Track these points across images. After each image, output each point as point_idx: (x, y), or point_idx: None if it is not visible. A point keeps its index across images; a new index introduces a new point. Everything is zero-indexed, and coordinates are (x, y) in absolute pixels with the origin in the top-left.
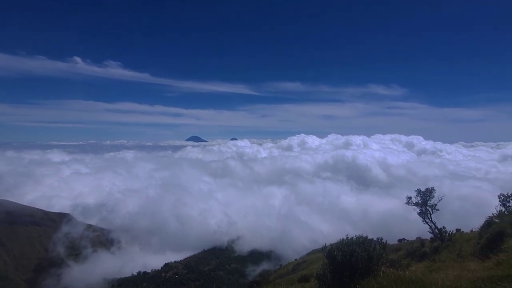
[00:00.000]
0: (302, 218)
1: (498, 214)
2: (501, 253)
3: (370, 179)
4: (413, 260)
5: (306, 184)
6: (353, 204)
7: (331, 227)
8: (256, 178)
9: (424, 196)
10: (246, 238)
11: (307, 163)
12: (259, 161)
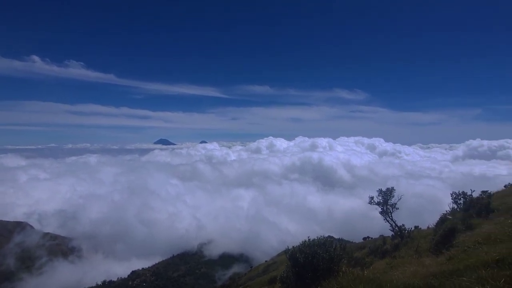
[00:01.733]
0: (271, 219)
1: (451, 211)
2: (452, 248)
3: (335, 180)
4: (375, 258)
5: (274, 186)
6: (320, 204)
7: (299, 227)
8: (225, 181)
9: (385, 196)
10: (216, 241)
11: (276, 165)
12: (228, 164)
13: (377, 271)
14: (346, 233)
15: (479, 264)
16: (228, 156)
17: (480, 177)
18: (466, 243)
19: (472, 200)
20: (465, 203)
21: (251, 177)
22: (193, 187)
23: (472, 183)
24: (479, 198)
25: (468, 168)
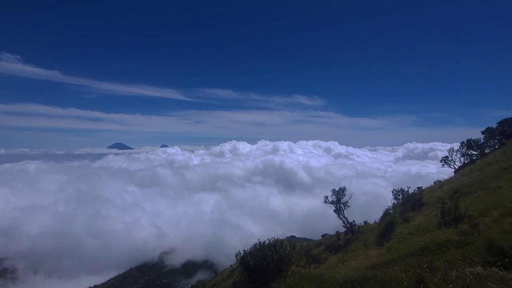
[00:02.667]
0: (235, 222)
1: (392, 206)
2: (391, 239)
3: (296, 182)
4: (331, 253)
5: (238, 189)
6: (281, 205)
7: (263, 228)
8: (188, 186)
9: (338, 195)
10: (178, 249)
11: (239, 168)
12: (190, 168)
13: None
14: (306, 232)
15: (409, 252)
16: (191, 160)
17: (415, 175)
18: (402, 234)
19: (408, 195)
20: (403, 198)
21: (215, 181)
22: (152, 194)
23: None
24: (413, 193)
25: (406, 167)
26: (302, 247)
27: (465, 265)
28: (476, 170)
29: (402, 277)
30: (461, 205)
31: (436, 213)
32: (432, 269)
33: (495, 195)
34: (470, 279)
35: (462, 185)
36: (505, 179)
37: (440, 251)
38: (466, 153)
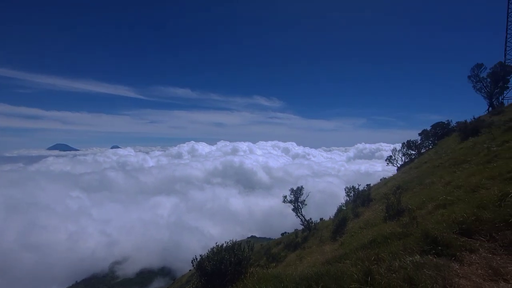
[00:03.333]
0: (193, 225)
1: (345, 203)
2: (344, 234)
3: (255, 182)
4: (289, 251)
5: (196, 191)
6: (241, 206)
7: (223, 230)
8: (143, 189)
9: (296, 194)
10: (132, 257)
11: (198, 170)
12: (145, 171)
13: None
14: (266, 231)
15: (359, 246)
16: (146, 162)
17: (365, 174)
18: (353, 229)
19: (359, 192)
20: (354, 195)
21: (172, 184)
22: (101, 199)
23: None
24: (363, 190)
25: (357, 166)
26: (262, 247)
27: (406, 255)
28: (414, 168)
29: (353, 271)
30: (402, 199)
31: (382, 208)
32: (379, 261)
33: (429, 189)
34: (410, 267)
35: (403, 181)
36: (437, 175)
37: (386, 243)
38: (406, 152)
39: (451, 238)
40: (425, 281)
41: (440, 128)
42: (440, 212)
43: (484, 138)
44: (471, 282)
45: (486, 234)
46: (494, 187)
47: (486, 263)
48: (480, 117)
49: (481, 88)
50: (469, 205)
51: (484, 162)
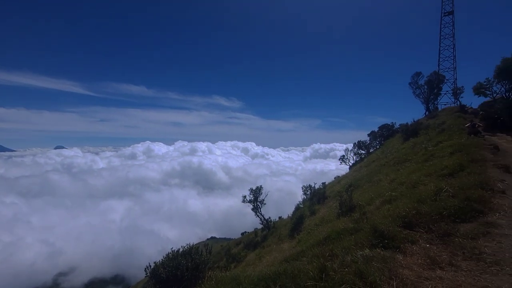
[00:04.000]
0: (149, 228)
1: (302, 201)
2: (301, 232)
3: (215, 182)
4: (249, 250)
5: (152, 193)
6: (200, 206)
7: (181, 232)
8: (92, 193)
9: (255, 194)
10: (80, 267)
11: (154, 171)
12: (95, 173)
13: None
14: (226, 231)
15: (315, 243)
16: (95, 164)
17: (320, 172)
18: (310, 226)
19: (315, 191)
20: (311, 193)
21: (125, 186)
22: (42, 205)
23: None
24: (319, 189)
25: (313, 165)
26: (222, 248)
27: (357, 249)
28: (364, 166)
29: (308, 268)
30: (354, 196)
31: (336, 205)
32: (333, 256)
33: (377, 186)
34: (361, 261)
35: (355, 179)
36: (384, 173)
37: (339, 239)
38: (357, 152)
39: (396, 231)
40: (374, 274)
41: (386, 129)
42: (386, 207)
43: (422, 139)
44: (413, 271)
45: (425, 226)
46: (430, 183)
47: (425, 253)
48: (419, 120)
49: (420, 94)
50: (410, 200)
51: (423, 161)
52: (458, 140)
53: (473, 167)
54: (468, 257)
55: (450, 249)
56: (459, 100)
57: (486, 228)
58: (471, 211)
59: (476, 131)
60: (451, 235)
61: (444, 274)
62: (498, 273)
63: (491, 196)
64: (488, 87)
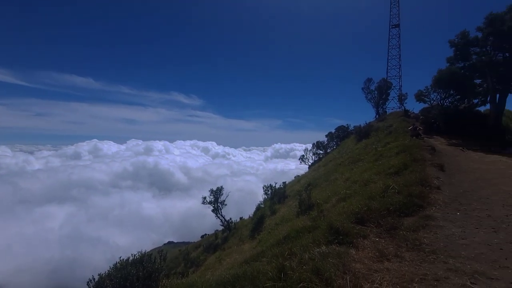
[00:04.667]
0: (95, 236)
1: (263, 201)
2: (262, 232)
3: (172, 184)
4: (209, 253)
5: (100, 197)
6: (156, 210)
7: (134, 238)
8: (24, 198)
9: (215, 195)
10: (9, 285)
11: (102, 172)
12: (28, 175)
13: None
14: (185, 235)
15: (275, 242)
16: (29, 164)
17: (280, 172)
18: (270, 225)
19: (275, 190)
20: (271, 193)
21: (67, 190)
22: None
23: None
24: (279, 188)
25: (274, 165)
26: (181, 252)
27: (315, 247)
28: (322, 166)
29: (267, 269)
30: (312, 195)
31: (295, 203)
32: (292, 255)
33: (333, 185)
34: (318, 258)
35: (313, 178)
36: (339, 172)
37: (298, 237)
38: (316, 152)
39: (349, 227)
40: (329, 270)
41: (342, 131)
42: (341, 205)
43: (373, 140)
44: (364, 265)
45: (375, 221)
46: (380, 181)
47: (375, 246)
48: (371, 122)
49: (371, 98)
50: (362, 198)
51: (373, 160)
52: (403, 141)
53: (414, 166)
54: (410, 248)
55: (396, 241)
56: (404, 106)
57: (425, 221)
58: (413, 206)
59: (417, 134)
60: (397, 228)
61: (390, 265)
62: (434, 261)
63: (429, 192)
64: (426, 94)
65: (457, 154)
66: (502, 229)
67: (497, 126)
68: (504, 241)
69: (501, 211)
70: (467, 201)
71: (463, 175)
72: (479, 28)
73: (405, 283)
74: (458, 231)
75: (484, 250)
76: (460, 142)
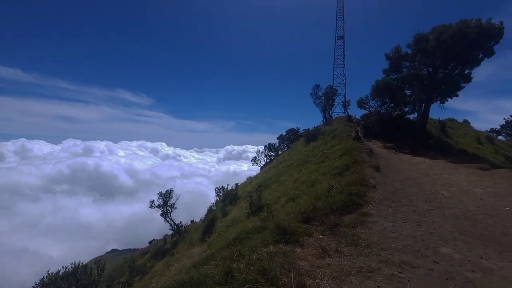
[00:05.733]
0: (21, 247)
1: (215, 203)
2: (213, 234)
3: (116, 187)
4: (157, 260)
5: (28, 203)
6: (96, 216)
7: (70, 248)
8: None
9: (164, 198)
10: None
11: (31, 175)
12: None
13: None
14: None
15: (224, 244)
16: None
17: (233, 174)
18: (221, 227)
19: (227, 192)
20: (223, 194)
21: None
22: None
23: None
24: (231, 190)
25: (226, 167)
26: (126, 260)
27: (263, 247)
28: (273, 167)
29: (214, 272)
30: (263, 196)
31: (246, 205)
32: (240, 257)
33: (283, 186)
34: (265, 258)
35: (264, 179)
36: (289, 173)
37: (247, 238)
38: (268, 154)
39: (296, 226)
40: (275, 269)
41: (292, 133)
42: (290, 205)
43: (320, 143)
44: (307, 261)
45: (319, 219)
46: (325, 182)
47: (318, 243)
48: (318, 126)
49: (319, 103)
50: (309, 197)
51: (320, 162)
52: (346, 144)
53: (355, 167)
54: (349, 244)
55: (337, 238)
56: (347, 111)
57: (362, 217)
58: (353, 204)
59: (358, 138)
60: (338, 225)
61: (331, 260)
62: (369, 254)
63: (367, 191)
64: (366, 102)
65: (390, 156)
66: (424, 222)
67: (423, 131)
68: (425, 233)
69: (424, 206)
70: (397, 199)
71: (395, 175)
72: (409, 45)
73: (343, 276)
74: (389, 225)
75: (409, 241)
76: (393, 146)
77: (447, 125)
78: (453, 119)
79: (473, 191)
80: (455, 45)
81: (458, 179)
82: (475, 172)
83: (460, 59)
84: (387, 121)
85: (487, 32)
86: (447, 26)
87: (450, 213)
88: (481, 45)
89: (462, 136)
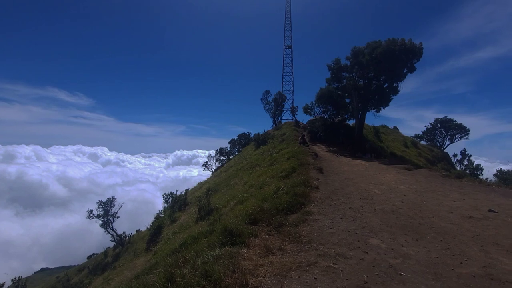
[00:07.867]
0: None
1: (163, 209)
2: (159, 243)
3: (45, 198)
4: (96, 275)
5: None
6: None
7: None
8: None
9: (105, 207)
10: None
11: None
12: None
13: None
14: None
15: (170, 252)
16: None
17: (183, 179)
18: (168, 235)
19: (176, 198)
20: (172, 201)
21: None
22: None
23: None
24: (180, 195)
25: (176, 172)
26: (58, 280)
27: (209, 251)
28: (224, 171)
29: (154, 280)
30: (212, 200)
31: (195, 210)
32: (185, 262)
33: (233, 189)
34: (211, 261)
35: (215, 184)
36: (239, 176)
37: (194, 243)
38: (219, 158)
39: (243, 228)
40: (219, 271)
41: (243, 138)
42: (238, 208)
43: (269, 147)
44: (252, 261)
45: (266, 220)
46: (272, 184)
47: (264, 243)
48: (268, 131)
49: (269, 109)
50: (257, 199)
51: (268, 165)
52: (293, 148)
53: (301, 169)
54: (292, 241)
55: (281, 236)
56: (295, 117)
57: (305, 216)
58: (297, 204)
59: (304, 142)
60: (283, 225)
61: (274, 258)
62: (309, 250)
63: (310, 191)
64: (312, 108)
65: (332, 159)
66: (358, 218)
67: (360, 136)
68: (359, 227)
69: (358, 203)
70: (336, 197)
71: (336, 176)
72: (347, 58)
73: (284, 272)
74: (328, 222)
75: (345, 236)
76: (336, 149)
77: (380, 131)
78: (385, 125)
79: (399, 189)
80: (385, 61)
81: (388, 178)
82: (401, 172)
83: (389, 73)
84: (330, 126)
85: (409, 51)
86: (378, 42)
87: (379, 208)
88: (404, 62)
89: (392, 141)
